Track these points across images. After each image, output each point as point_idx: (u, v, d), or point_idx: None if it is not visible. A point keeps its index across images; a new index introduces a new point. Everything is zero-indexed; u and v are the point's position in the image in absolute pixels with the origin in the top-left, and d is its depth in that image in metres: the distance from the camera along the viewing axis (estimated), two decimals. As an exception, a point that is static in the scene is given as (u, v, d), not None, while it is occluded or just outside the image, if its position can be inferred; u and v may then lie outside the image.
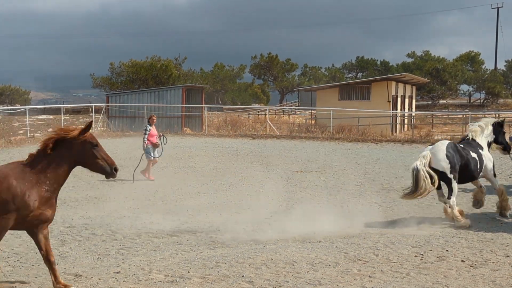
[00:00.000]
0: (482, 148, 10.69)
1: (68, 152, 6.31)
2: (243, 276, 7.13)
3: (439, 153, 10.09)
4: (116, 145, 24.39)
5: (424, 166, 9.99)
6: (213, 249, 8.51)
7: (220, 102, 70.24)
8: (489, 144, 10.98)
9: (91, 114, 37.05)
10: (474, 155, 10.38)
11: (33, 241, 8.54)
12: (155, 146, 15.55)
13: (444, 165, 10.00)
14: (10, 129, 33.77)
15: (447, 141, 10.55)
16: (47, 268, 6.50)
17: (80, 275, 7.18)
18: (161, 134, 15.98)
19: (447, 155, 10.02)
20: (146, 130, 15.62)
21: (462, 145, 10.49)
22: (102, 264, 7.70)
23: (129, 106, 32.12)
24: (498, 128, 11.08)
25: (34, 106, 57.19)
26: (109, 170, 6.40)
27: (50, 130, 32.97)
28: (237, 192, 13.54)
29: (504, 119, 12.03)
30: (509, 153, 11.38)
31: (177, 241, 8.96)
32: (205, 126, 32.17)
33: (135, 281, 6.94)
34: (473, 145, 10.63)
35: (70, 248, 8.60)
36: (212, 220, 10.50)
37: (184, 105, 31.81)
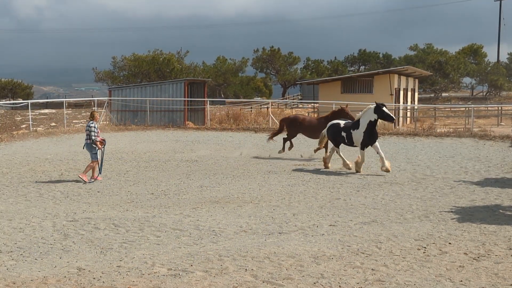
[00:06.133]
0: None
1: None
2: (246, 270, 7.14)
3: None
4: (118, 139, 24.40)
5: None
6: (216, 242, 8.52)
7: (223, 95, 70.24)
8: None
9: (93, 108, 37.03)
10: None
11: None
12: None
13: None
14: (12, 123, 33.81)
15: None
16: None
17: (83, 269, 7.20)
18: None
19: None
20: None
21: None
22: (105, 258, 7.71)
23: (131, 100, 32.11)
24: None
25: (37, 100, 57.26)
26: None
27: (53, 124, 33.00)
28: (239, 185, 13.54)
29: None
30: None
31: (180, 235, 8.98)
32: (208, 120, 32.15)
33: (138, 275, 6.96)
34: None
35: (73, 242, 8.61)
36: (214, 213, 10.51)
37: (186, 99, 31.78)
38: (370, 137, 15.41)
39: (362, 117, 15.50)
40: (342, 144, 16.37)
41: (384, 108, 15.11)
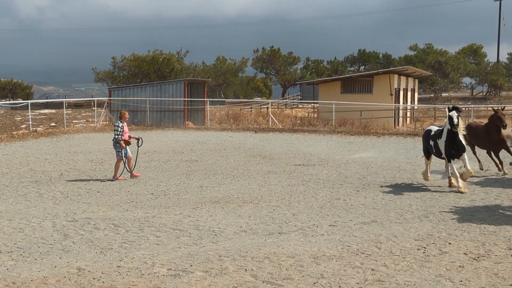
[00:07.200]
0: None
1: None
2: (246, 270, 7.14)
3: None
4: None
5: None
6: (216, 242, 8.52)
7: (223, 95, 70.24)
8: None
9: (93, 108, 37.04)
10: None
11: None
12: None
13: None
14: (12, 124, 33.80)
15: None
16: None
17: (83, 269, 7.20)
18: None
19: None
20: None
21: None
22: (105, 258, 7.71)
23: (131, 100, 32.12)
24: None
25: (37, 100, 57.20)
26: None
27: (53, 124, 32.99)
28: (239, 185, 13.54)
29: None
30: None
31: (180, 235, 8.98)
32: (208, 120, 32.15)
33: (138, 275, 6.96)
34: None
35: (73, 242, 8.61)
36: (214, 213, 10.51)
37: (186, 99, 31.79)
38: (453, 148, 12.79)
39: (446, 124, 12.98)
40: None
41: (451, 113, 12.52)
